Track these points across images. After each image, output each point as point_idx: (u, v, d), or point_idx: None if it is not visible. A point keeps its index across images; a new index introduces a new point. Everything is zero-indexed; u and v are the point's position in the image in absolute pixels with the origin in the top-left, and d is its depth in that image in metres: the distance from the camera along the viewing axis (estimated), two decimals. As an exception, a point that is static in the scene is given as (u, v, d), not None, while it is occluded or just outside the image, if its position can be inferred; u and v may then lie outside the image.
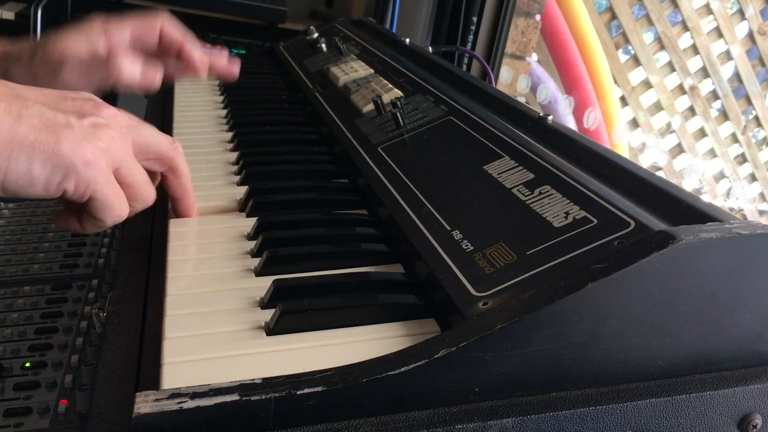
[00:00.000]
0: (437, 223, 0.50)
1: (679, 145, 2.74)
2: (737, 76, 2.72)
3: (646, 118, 2.64)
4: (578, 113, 2.31)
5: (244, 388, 0.34)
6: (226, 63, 0.74)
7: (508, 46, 1.81)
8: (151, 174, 0.51)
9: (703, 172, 2.80)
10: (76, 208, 0.47)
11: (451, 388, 0.37)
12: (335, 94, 0.85)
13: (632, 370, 0.41)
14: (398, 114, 0.68)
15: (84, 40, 0.63)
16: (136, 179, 0.48)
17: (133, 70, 0.64)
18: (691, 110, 2.70)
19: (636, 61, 2.54)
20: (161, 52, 0.69)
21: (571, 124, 2.29)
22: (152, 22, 0.67)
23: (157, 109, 0.91)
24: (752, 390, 0.42)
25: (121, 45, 0.65)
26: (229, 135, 0.79)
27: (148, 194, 0.49)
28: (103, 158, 0.45)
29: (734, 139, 2.81)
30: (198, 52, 0.70)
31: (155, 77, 0.65)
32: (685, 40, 2.59)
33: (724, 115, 2.76)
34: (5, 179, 0.41)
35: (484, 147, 0.58)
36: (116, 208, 0.46)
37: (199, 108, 0.90)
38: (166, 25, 0.68)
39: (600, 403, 0.39)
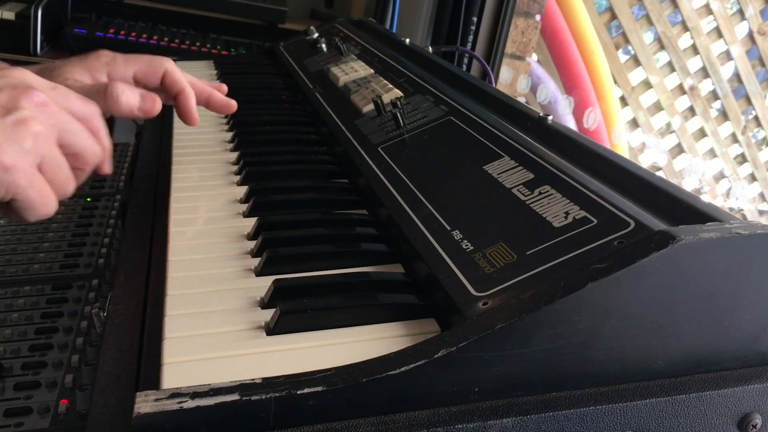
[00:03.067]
0: (437, 223, 0.50)
1: (679, 145, 2.74)
2: (737, 76, 2.72)
3: (646, 118, 2.64)
4: (578, 113, 2.31)
5: (244, 388, 0.34)
6: (223, 98, 0.72)
7: (508, 46, 1.81)
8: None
9: (703, 172, 2.80)
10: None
11: (451, 388, 0.37)
12: (335, 94, 0.85)
13: (632, 370, 0.41)
14: (398, 114, 0.68)
15: (87, 73, 0.62)
16: (57, 176, 0.47)
17: (131, 98, 0.60)
18: (691, 110, 2.70)
19: (636, 61, 2.54)
20: (161, 91, 0.68)
21: (571, 124, 2.29)
22: (158, 63, 0.66)
23: (157, 109, 0.90)
24: (752, 390, 0.42)
25: (121, 78, 0.64)
26: (229, 135, 0.79)
27: (67, 188, 0.49)
28: (26, 159, 0.44)
29: (734, 139, 2.82)
30: (192, 103, 0.68)
31: (154, 104, 0.62)
32: (685, 40, 2.59)
33: (724, 115, 2.76)
34: None
35: (484, 147, 0.58)
36: (39, 208, 0.46)
37: (199, 108, 0.89)
38: (170, 69, 0.67)
39: (600, 403, 0.39)
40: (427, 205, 0.53)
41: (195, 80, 0.70)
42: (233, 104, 0.72)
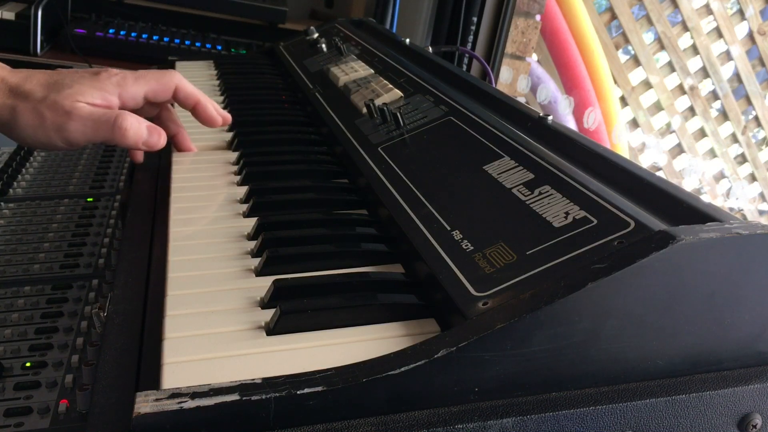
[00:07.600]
0: (437, 223, 0.50)
1: (679, 145, 2.73)
2: (737, 76, 2.71)
3: (646, 118, 2.64)
4: (578, 113, 2.31)
5: (244, 388, 0.34)
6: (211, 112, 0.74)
7: (508, 46, 1.81)
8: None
9: (703, 172, 2.80)
10: None
11: (451, 388, 0.37)
12: (335, 94, 0.85)
13: (632, 370, 0.41)
14: (398, 114, 0.68)
15: (98, 93, 0.62)
16: None
17: (138, 131, 0.62)
18: (691, 110, 2.70)
19: (636, 61, 2.54)
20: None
21: (571, 124, 2.29)
22: (167, 80, 0.67)
23: (157, 109, 0.90)
24: (752, 390, 0.42)
25: (131, 102, 0.65)
26: (229, 135, 0.79)
27: None
28: None
29: (734, 139, 2.81)
30: (210, 108, 0.72)
31: (159, 139, 0.65)
32: (685, 40, 2.59)
33: (724, 115, 2.76)
34: None
35: (484, 147, 0.58)
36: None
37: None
38: (181, 84, 0.68)
39: (600, 403, 0.39)
40: (427, 205, 0.53)
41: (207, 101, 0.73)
42: (224, 119, 0.74)
